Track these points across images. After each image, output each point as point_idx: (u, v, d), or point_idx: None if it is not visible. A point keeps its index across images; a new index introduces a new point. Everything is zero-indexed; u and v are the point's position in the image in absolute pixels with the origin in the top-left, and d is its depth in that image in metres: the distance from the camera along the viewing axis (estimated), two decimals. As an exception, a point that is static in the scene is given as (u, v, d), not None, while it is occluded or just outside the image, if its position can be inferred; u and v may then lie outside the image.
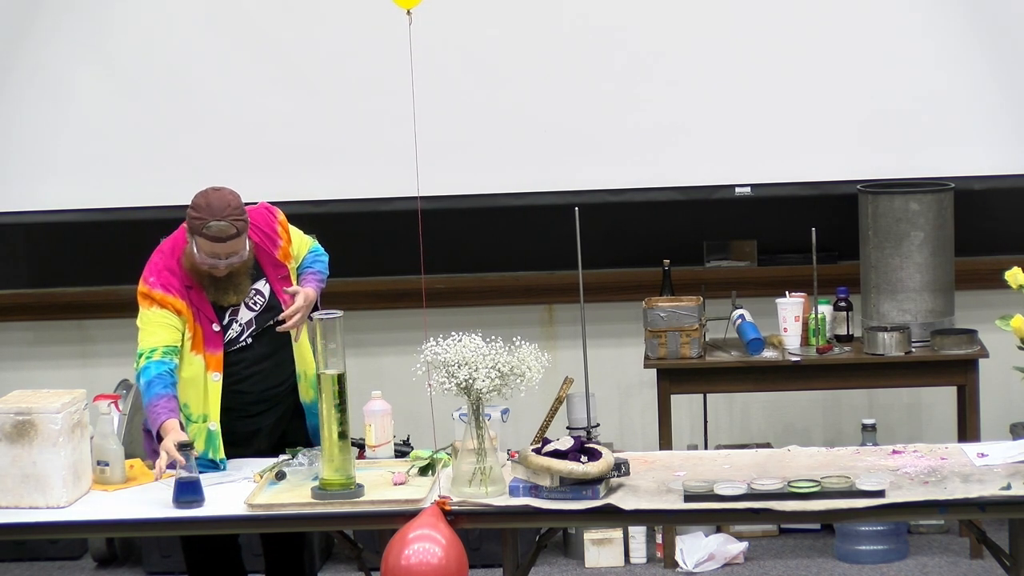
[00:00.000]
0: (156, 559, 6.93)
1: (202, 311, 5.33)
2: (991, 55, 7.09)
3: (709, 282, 7.12)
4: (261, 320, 5.40)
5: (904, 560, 6.76)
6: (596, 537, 6.87)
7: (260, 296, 5.41)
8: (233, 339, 5.36)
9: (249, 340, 5.38)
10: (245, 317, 5.38)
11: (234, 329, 5.37)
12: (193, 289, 5.33)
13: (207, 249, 5.22)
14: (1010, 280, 4.84)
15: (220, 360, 5.33)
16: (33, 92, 7.34)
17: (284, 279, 5.43)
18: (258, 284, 5.41)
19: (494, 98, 7.25)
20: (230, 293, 5.34)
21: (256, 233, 5.41)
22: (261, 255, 5.41)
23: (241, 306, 5.38)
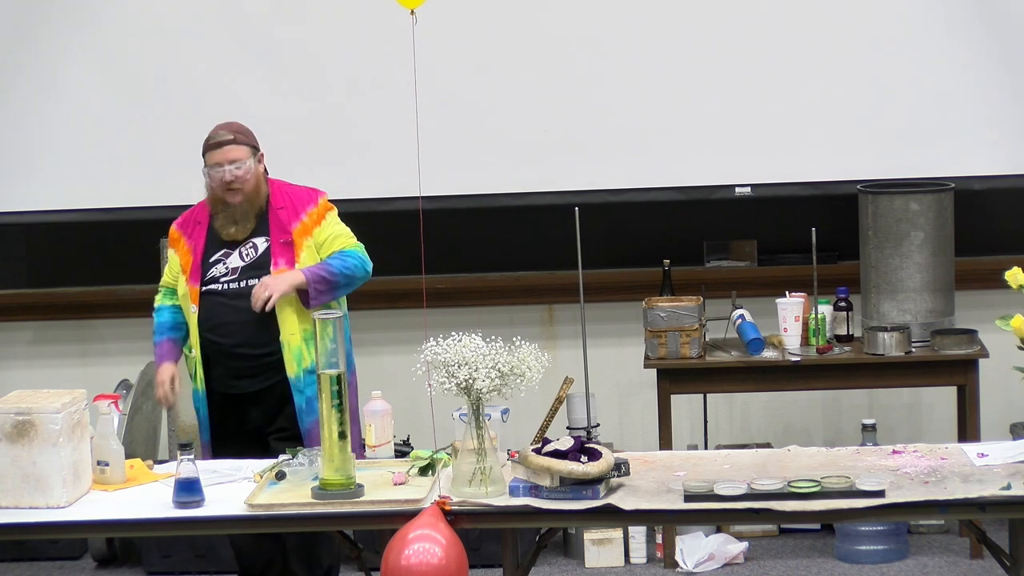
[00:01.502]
0: (156, 559, 6.93)
1: (197, 246, 5.75)
2: (991, 55, 7.09)
3: (709, 282, 7.12)
4: (246, 272, 5.69)
5: (904, 560, 6.76)
6: (596, 537, 6.87)
7: (253, 250, 5.71)
8: (214, 277, 5.69)
9: (229, 286, 5.68)
10: (233, 263, 5.71)
11: (218, 269, 5.71)
12: (201, 225, 5.76)
13: (211, 161, 5.69)
14: (1010, 280, 4.84)
15: (197, 293, 5.69)
16: (33, 92, 7.34)
17: (285, 244, 5.69)
18: (258, 240, 5.72)
19: (494, 98, 7.25)
20: (230, 225, 5.70)
21: (282, 199, 5.77)
22: (274, 218, 5.72)
23: (235, 253, 5.71)
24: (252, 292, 5.60)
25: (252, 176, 5.72)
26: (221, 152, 5.69)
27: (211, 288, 5.69)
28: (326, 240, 5.73)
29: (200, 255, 5.74)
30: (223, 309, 5.68)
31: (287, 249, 5.68)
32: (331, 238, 5.74)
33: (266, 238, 5.71)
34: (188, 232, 5.81)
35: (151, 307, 7.30)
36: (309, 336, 5.60)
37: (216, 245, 5.75)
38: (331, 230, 5.75)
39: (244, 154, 5.72)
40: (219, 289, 5.70)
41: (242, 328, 5.65)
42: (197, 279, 5.72)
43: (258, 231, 5.73)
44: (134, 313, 7.53)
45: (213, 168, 5.70)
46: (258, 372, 5.68)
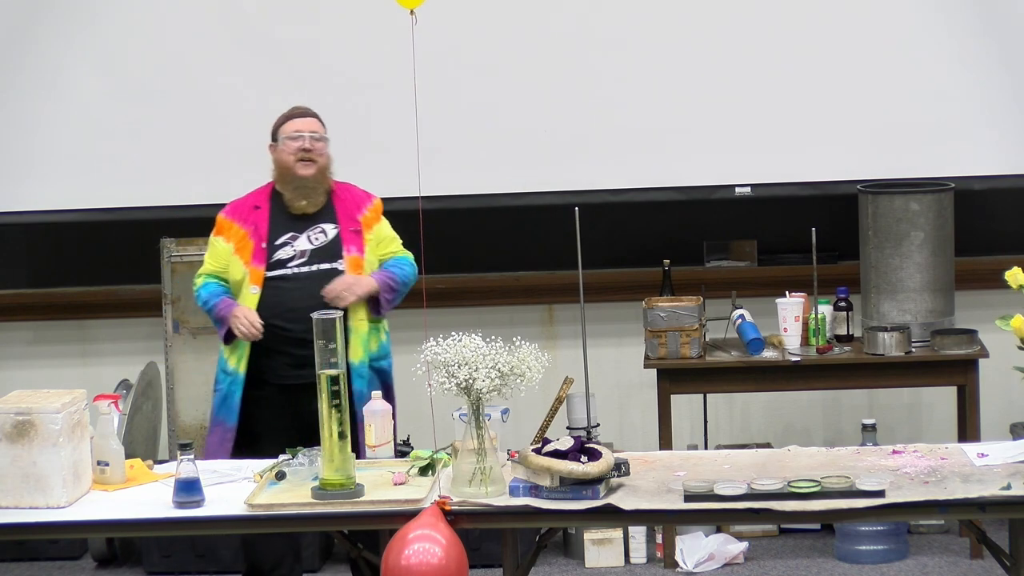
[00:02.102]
0: (156, 559, 6.93)
1: (258, 228, 5.76)
2: (991, 55, 7.09)
3: (709, 282, 7.12)
4: (315, 256, 5.73)
5: (904, 560, 6.76)
6: (596, 537, 6.87)
7: (323, 235, 5.77)
8: (282, 260, 5.70)
9: (298, 270, 5.70)
10: (302, 246, 5.74)
11: (285, 251, 5.73)
12: (260, 209, 5.78)
13: (292, 128, 5.79)
14: (1010, 280, 4.84)
15: (261, 275, 5.68)
16: (33, 92, 7.35)
17: (354, 233, 5.76)
18: (326, 226, 5.78)
19: (494, 98, 7.26)
20: (302, 199, 5.74)
21: (343, 193, 5.86)
22: (340, 206, 5.81)
23: (303, 236, 5.74)
24: (331, 288, 5.64)
25: (326, 156, 5.81)
26: (304, 121, 5.82)
27: (278, 273, 5.71)
28: (383, 239, 5.87)
29: (264, 237, 5.75)
30: (293, 294, 5.68)
31: (357, 237, 5.78)
32: (388, 239, 5.89)
33: (335, 225, 5.78)
34: (242, 217, 5.81)
35: (151, 307, 7.35)
36: (374, 326, 5.75)
37: (282, 227, 5.77)
38: (388, 232, 5.91)
39: (323, 131, 5.86)
40: (288, 274, 5.71)
41: (300, 312, 5.52)
42: (261, 260, 5.73)
43: (324, 216, 5.79)
44: (134, 313, 7.54)
45: (292, 136, 5.77)
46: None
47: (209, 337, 7.16)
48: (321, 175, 5.80)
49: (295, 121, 5.83)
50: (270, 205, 5.81)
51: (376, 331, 5.82)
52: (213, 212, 7.29)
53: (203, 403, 7.17)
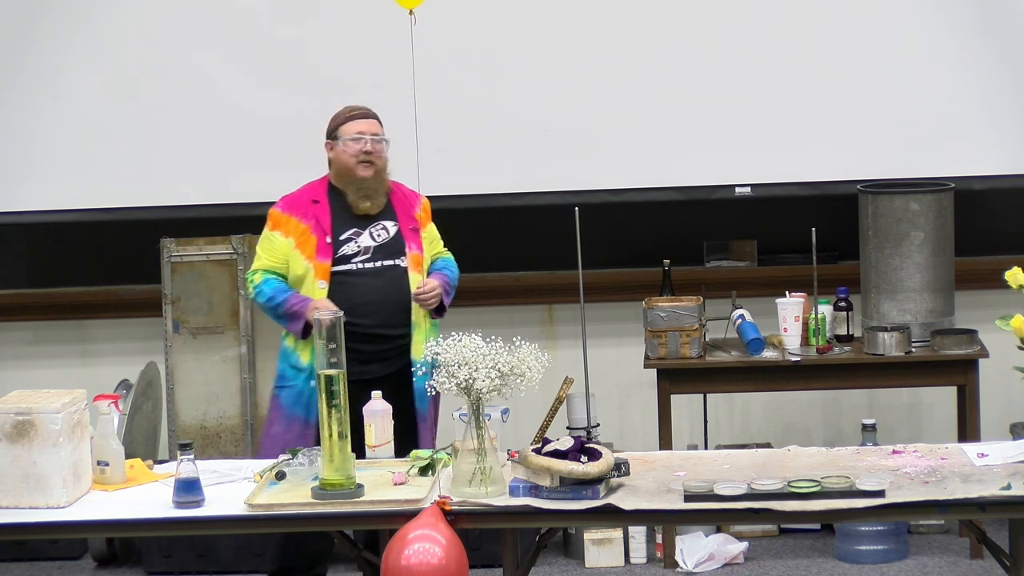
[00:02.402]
0: (156, 559, 6.93)
1: (320, 223, 5.75)
2: (991, 55, 7.09)
3: (709, 282, 7.12)
4: (379, 252, 5.74)
5: (904, 560, 6.76)
6: (596, 537, 6.87)
7: (385, 232, 5.78)
8: (347, 256, 5.70)
9: (363, 265, 5.70)
10: (365, 242, 5.75)
11: (350, 247, 5.73)
12: (319, 204, 5.78)
13: (354, 129, 5.77)
14: (1010, 280, 4.84)
15: (327, 269, 5.69)
16: (33, 92, 7.35)
17: (413, 231, 5.79)
18: (386, 222, 5.79)
19: (494, 98, 7.25)
20: (365, 200, 5.75)
21: (400, 191, 5.88)
22: (397, 204, 5.82)
23: (365, 232, 5.74)
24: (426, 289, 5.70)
25: (384, 157, 5.82)
26: (366, 123, 5.80)
27: (343, 267, 5.72)
28: (433, 239, 5.94)
29: (328, 231, 5.75)
30: (360, 289, 5.70)
31: (416, 235, 5.81)
32: (436, 239, 5.97)
33: (395, 222, 5.79)
34: (301, 211, 5.80)
35: (151, 307, 7.34)
36: (433, 323, 5.79)
37: (345, 223, 5.78)
38: (435, 231, 5.98)
39: (383, 134, 5.85)
40: (354, 269, 5.72)
41: (381, 309, 5.67)
42: (327, 255, 5.74)
43: (385, 214, 5.80)
44: (134, 313, 7.54)
45: (353, 137, 5.77)
46: (389, 355, 5.73)
47: (209, 337, 7.17)
48: (380, 177, 5.81)
49: (358, 123, 5.81)
50: (329, 200, 5.81)
51: (436, 328, 5.83)
52: (213, 212, 7.33)
53: (203, 403, 7.18)
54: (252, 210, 7.31)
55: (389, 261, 5.76)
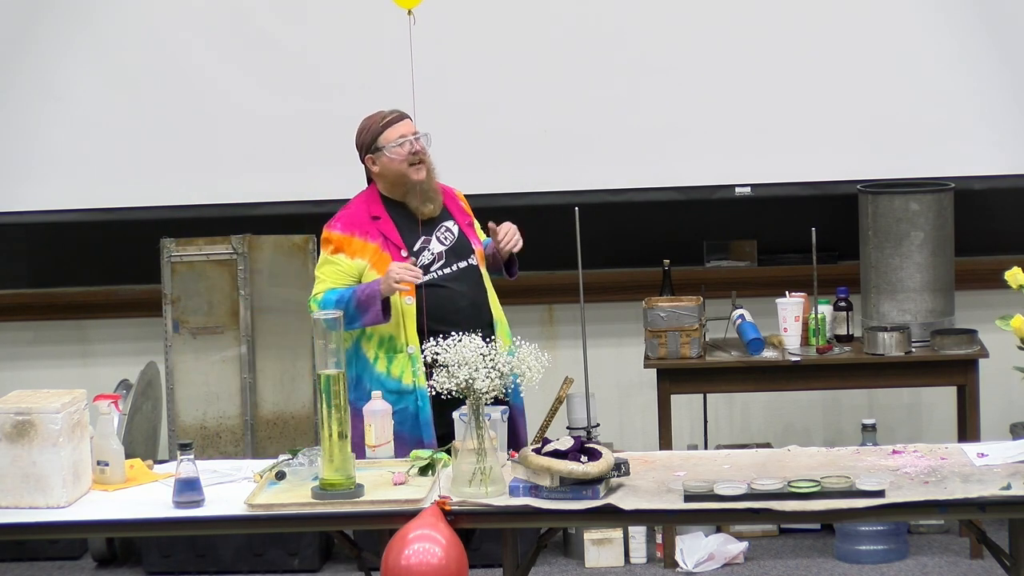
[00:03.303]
0: (156, 559, 6.93)
1: (390, 239, 5.53)
2: (991, 55, 7.09)
3: (709, 282, 7.12)
4: (450, 256, 5.57)
5: (904, 560, 6.77)
6: (596, 537, 6.87)
7: (450, 233, 5.62)
8: (425, 267, 5.52)
9: (441, 272, 5.54)
10: (436, 248, 5.58)
11: (425, 256, 5.55)
12: (381, 219, 5.54)
13: (397, 133, 5.54)
14: (1010, 280, 4.84)
15: (411, 285, 5.43)
16: (33, 93, 7.35)
17: (469, 226, 5.65)
18: (447, 223, 5.63)
19: (494, 98, 7.25)
20: (427, 203, 5.57)
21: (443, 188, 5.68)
22: (448, 202, 5.66)
23: (432, 238, 5.57)
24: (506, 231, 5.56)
25: (429, 155, 5.63)
26: (405, 124, 5.58)
27: (426, 280, 5.49)
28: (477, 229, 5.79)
29: (401, 245, 5.53)
30: (447, 298, 5.52)
31: (472, 229, 5.69)
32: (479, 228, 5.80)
33: (454, 221, 5.64)
34: (363, 230, 5.54)
35: (151, 307, 7.34)
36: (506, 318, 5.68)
37: (413, 233, 5.57)
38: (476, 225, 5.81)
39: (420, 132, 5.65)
40: (435, 278, 5.53)
41: (462, 313, 5.51)
42: None
43: (443, 215, 5.64)
44: (134, 313, 7.54)
45: (398, 141, 5.54)
46: None
47: (209, 337, 7.17)
48: (431, 176, 5.62)
49: (396, 127, 5.55)
50: (390, 213, 5.57)
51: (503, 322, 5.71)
52: (213, 212, 7.33)
53: (203, 403, 7.18)
54: (252, 210, 7.33)
55: (463, 263, 5.57)
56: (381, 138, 5.55)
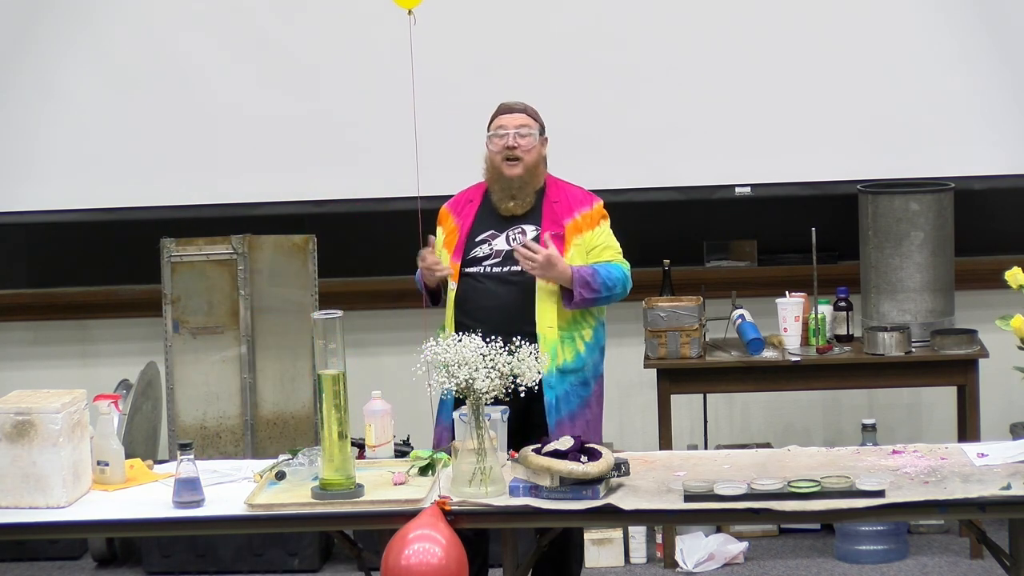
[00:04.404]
0: (156, 559, 6.93)
1: (464, 223, 5.61)
2: (991, 55, 7.09)
3: (709, 282, 7.12)
4: (509, 257, 5.53)
5: (904, 560, 6.76)
6: (596, 537, 6.87)
7: (522, 236, 5.56)
8: (477, 257, 5.54)
9: (491, 269, 5.53)
10: (499, 245, 5.57)
11: (482, 249, 5.56)
12: (473, 203, 5.64)
13: (497, 124, 5.59)
14: (1010, 280, 4.84)
15: (457, 270, 5.54)
16: (33, 93, 7.35)
17: (556, 237, 5.53)
18: (528, 227, 5.58)
19: (494, 98, 7.22)
20: (509, 200, 5.56)
21: (557, 194, 5.64)
22: (548, 208, 5.59)
23: (502, 236, 5.55)
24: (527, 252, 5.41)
25: (534, 151, 5.60)
26: (510, 116, 5.60)
27: (472, 270, 5.54)
28: (597, 247, 5.62)
29: (467, 232, 5.60)
30: (481, 292, 5.53)
31: (557, 242, 5.51)
32: (602, 247, 5.64)
33: (536, 227, 5.57)
34: (458, 211, 5.66)
35: (151, 307, 7.36)
36: (567, 335, 5.54)
37: (485, 224, 5.60)
38: (604, 239, 5.65)
39: (532, 125, 5.62)
40: (481, 271, 5.55)
41: (498, 313, 5.46)
42: (459, 256, 5.58)
43: (530, 217, 5.59)
44: (134, 313, 7.54)
45: (497, 132, 5.59)
46: None
47: (209, 337, 7.17)
48: (529, 174, 5.58)
49: (501, 117, 5.61)
50: (481, 200, 5.65)
51: (571, 340, 5.56)
52: (213, 212, 7.34)
53: (203, 403, 7.17)
54: (252, 210, 7.33)
55: (517, 267, 5.51)
56: (492, 123, 5.64)
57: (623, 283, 5.63)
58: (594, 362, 5.66)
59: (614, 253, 5.66)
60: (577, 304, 5.50)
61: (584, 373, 5.58)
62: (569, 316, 5.56)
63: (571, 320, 5.57)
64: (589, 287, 5.50)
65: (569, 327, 5.57)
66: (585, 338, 5.62)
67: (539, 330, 5.49)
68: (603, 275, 5.55)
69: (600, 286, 5.53)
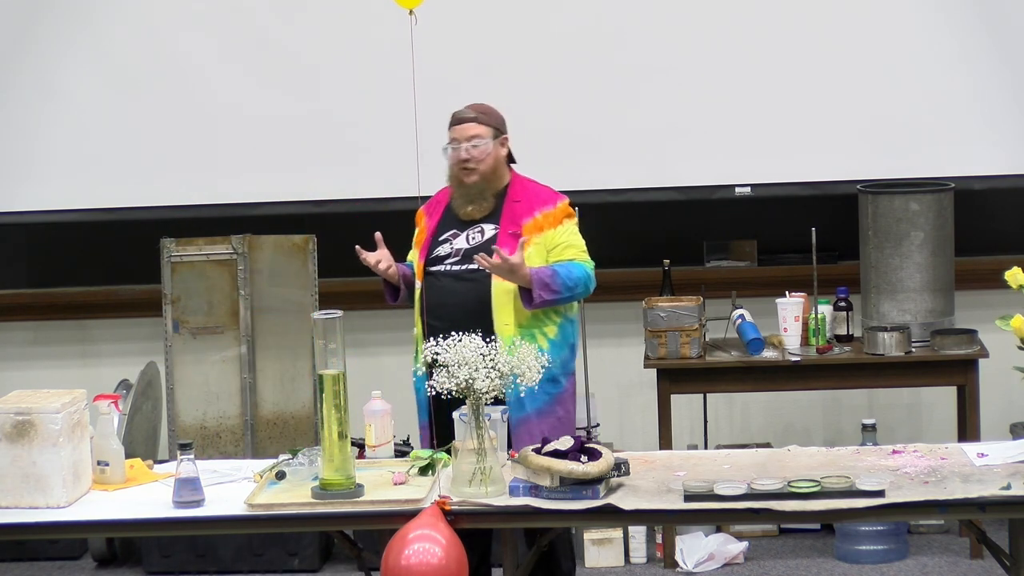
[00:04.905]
0: (156, 559, 6.93)
1: (432, 223, 5.75)
2: (991, 55, 7.09)
3: (709, 282, 7.12)
4: (468, 256, 5.60)
5: (904, 560, 6.76)
6: (596, 537, 6.87)
7: (480, 235, 5.65)
8: (439, 257, 5.65)
9: (451, 267, 5.62)
10: (459, 244, 5.66)
11: (444, 249, 5.66)
12: (441, 204, 5.77)
13: (450, 137, 5.69)
14: (1010, 280, 4.84)
15: (420, 270, 5.67)
16: (33, 93, 7.35)
17: (512, 236, 5.58)
18: (487, 226, 5.66)
19: (494, 98, 7.19)
20: (468, 203, 5.67)
21: (520, 193, 5.70)
22: (508, 208, 5.66)
23: (463, 235, 5.65)
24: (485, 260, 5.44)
25: (490, 157, 5.67)
26: (460, 128, 5.68)
27: (435, 269, 5.66)
28: (558, 245, 5.64)
29: (432, 232, 5.73)
30: (443, 291, 5.62)
31: (513, 241, 5.55)
32: (564, 245, 5.65)
33: (495, 226, 5.65)
34: (430, 211, 5.80)
35: (151, 307, 7.37)
36: (526, 332, 5.54)
37: (448, 225, 5.72)
38: (565, 238, 5.67)
39: (484, 133, 5.68)
40: (442, 270, 5.65)
41: (458, 312, 5.53)
42: (424, 255, 5.70)
43: (491, 217, 5.68)
44: (134, 313, 7.54)
45: (451, 144, 5.69)
46: None
47: (209, 337, 7.17)
48: (485, 180, 5.67)
49: (453, 129, 5.71)
50: (448, 201, 5.76)
51: (531, 337, 5.51)
52: (213, 212, 7.34)
53: (203, 403, 7.17)
54: (252, 210, 7.33)
55: (474, 265, 5.56)
56: (448, 133, 5.73)
57: (584, 283, 5.64)
58: (562, 359, 5.64)
59: (576, 252, 5.68)
60: (537, 305, 5.54)
61: (551, 370, 5.40)
62: (529, 313, 5.60)
63: (531, 317, 5.60)
64: (548, 288, 5.53)
65: (530, 324, 5.60)
66: (549, 335, 5.63)
67: (496, 327, 5.53)
68: (563, 275, 5.57)
69: (560, 287, 5.55)
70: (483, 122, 5.70)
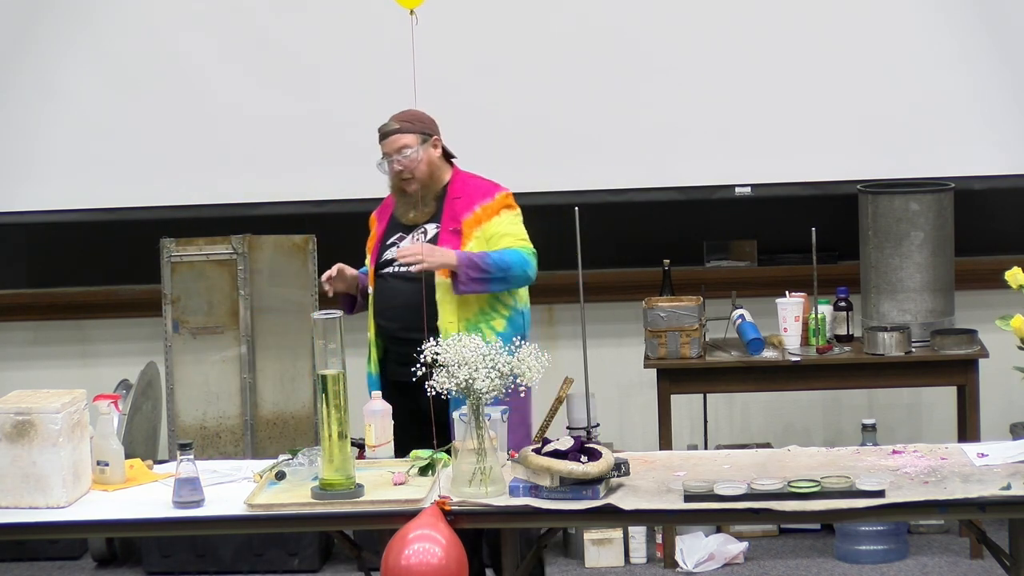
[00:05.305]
0: (156, 559, 6.93)
1: (381, 228, 5.82)
2: (991, 55, 7.09)
3: (709, 282, 7.12)
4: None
5: (904, 560, 6.77)
6: (596, 537, 6.87)
7: (423, 235, 5.71)
8: (387, 260, 5.72)
9: (398, 268, 5.66)
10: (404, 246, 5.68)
11: (391, 252, 5.71)
12: (387, 209, 5.83)
13: (382, 151, 5.72)
14: (1010, 280, 4.84)
15: (371, 275, 5.76)
16: (33, 93, 7.35)
17: (454, 233, 5.64)
18: (429, 226, 5.71)
19: (494, 98, 7.25)
20: (410, 210, 5.72)
21: (460, 189, 5.74)
22: (448, 206, 5.71)
23: (408, 237, 5.71)
24: (403, 251, 5.55)
25: (423, 163, 5.70)
26: (388, 142, 5.72)
27: (384, 272, 5.73)
28: (494, 235, 5.68)
29: (380, 237, 5.80)
30: (390, 293, 5.71)
31: (455, 237, 5.64)
32: (500, 235, 5.68)
33: (437, 224, 5.71)
34: (380, 216, 5.87)
35: (151, 307, 7.37)
36: (472, 326, 5.56)
37: (395, 229, 5.78)
38: (503, 228, 5.69)
39: (412, 141, 5.70)
40: (390, 272, 5.71)
41: (405, 312, 5.63)
42: (374, 261, 5.77)
43: (433, 217, 5.73)
44: (134, 313, 7.54)
45: (384, 158, 5.73)
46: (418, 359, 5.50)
47: (209, 337, 7.17)
48: (424, 186, 5.73)
49: (382, 144, 5.74)
50: (395, 205, 5.82)
51: (478, 332, 5.48)
52: (213, 212, 7.35)
53: (203, 403, 7.17)
54: (252, 210, 7.33)
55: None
56: (380, 147, 5.75)
57: (521, 266, 5.64)
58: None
59: (513, 240, 5.69)
60: (466, 285, 5.55)
61: None
62: (475, 308, 5.62)
63: (477, 312, 5.64)
64: (476, 267, 5.55)
65: (476, 319, 5.63)
66: (496, 328, 5.65)
67: (440, 324, 5.58)
68: (494, 257, 5.60)
69: (490, 266, 5.57)
70: (408, 131, 5.72)
